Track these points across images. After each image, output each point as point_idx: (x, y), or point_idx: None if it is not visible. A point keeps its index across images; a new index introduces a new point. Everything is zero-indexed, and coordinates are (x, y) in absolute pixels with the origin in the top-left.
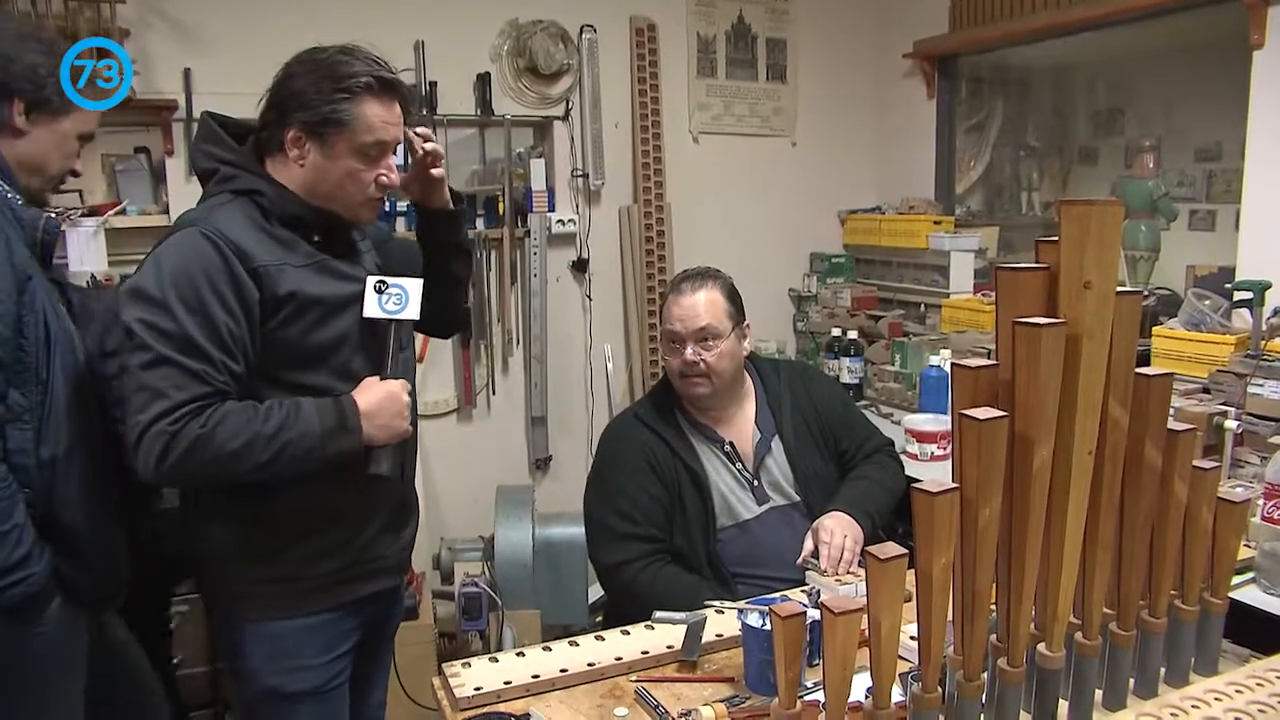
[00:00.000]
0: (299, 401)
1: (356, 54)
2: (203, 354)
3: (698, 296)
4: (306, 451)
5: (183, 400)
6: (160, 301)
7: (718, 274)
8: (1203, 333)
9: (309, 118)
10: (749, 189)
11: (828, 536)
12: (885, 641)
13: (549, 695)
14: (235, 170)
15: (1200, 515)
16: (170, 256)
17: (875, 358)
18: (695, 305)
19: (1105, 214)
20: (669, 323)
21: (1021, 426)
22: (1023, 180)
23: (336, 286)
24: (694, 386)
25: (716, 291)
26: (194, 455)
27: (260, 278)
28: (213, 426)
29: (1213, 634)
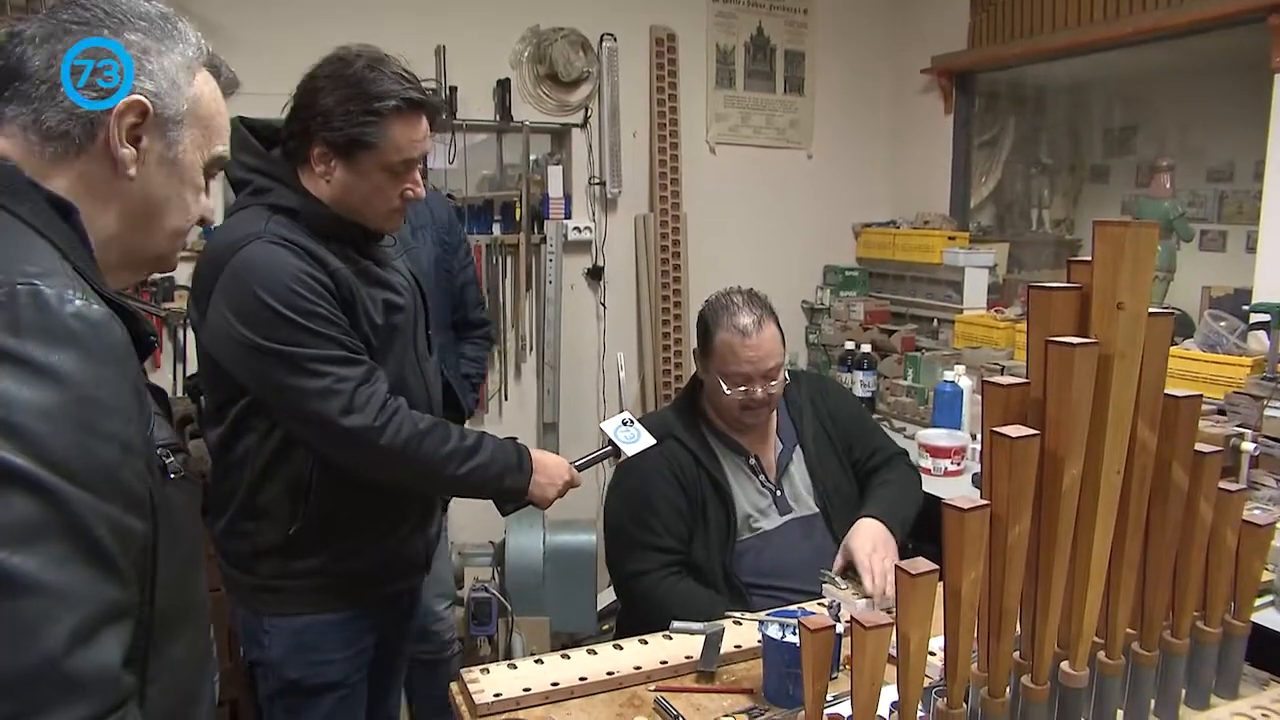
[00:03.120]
0: (482, 434)
1: (385, 68)
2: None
3: (764, 336)
4: (486, 481)
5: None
6: (280, 315)
7: (763, 298)
8: (1219, 354)
9: (336, 138)
10: (764, 200)
11: (865, 559)
12: (914, 657)
13: (568, 703)
14: (270, 183)
15: (1225, 537)
16: (259, 271)
17: (888, 372)
18: (764, 345)
19: (1140, 235)
20: (735, 364)
21: (1052, 445)
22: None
23: (382, 293)
24: (756, 417)
25: (772, 323)
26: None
27: (336, 280)
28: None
29: (1234, 656)
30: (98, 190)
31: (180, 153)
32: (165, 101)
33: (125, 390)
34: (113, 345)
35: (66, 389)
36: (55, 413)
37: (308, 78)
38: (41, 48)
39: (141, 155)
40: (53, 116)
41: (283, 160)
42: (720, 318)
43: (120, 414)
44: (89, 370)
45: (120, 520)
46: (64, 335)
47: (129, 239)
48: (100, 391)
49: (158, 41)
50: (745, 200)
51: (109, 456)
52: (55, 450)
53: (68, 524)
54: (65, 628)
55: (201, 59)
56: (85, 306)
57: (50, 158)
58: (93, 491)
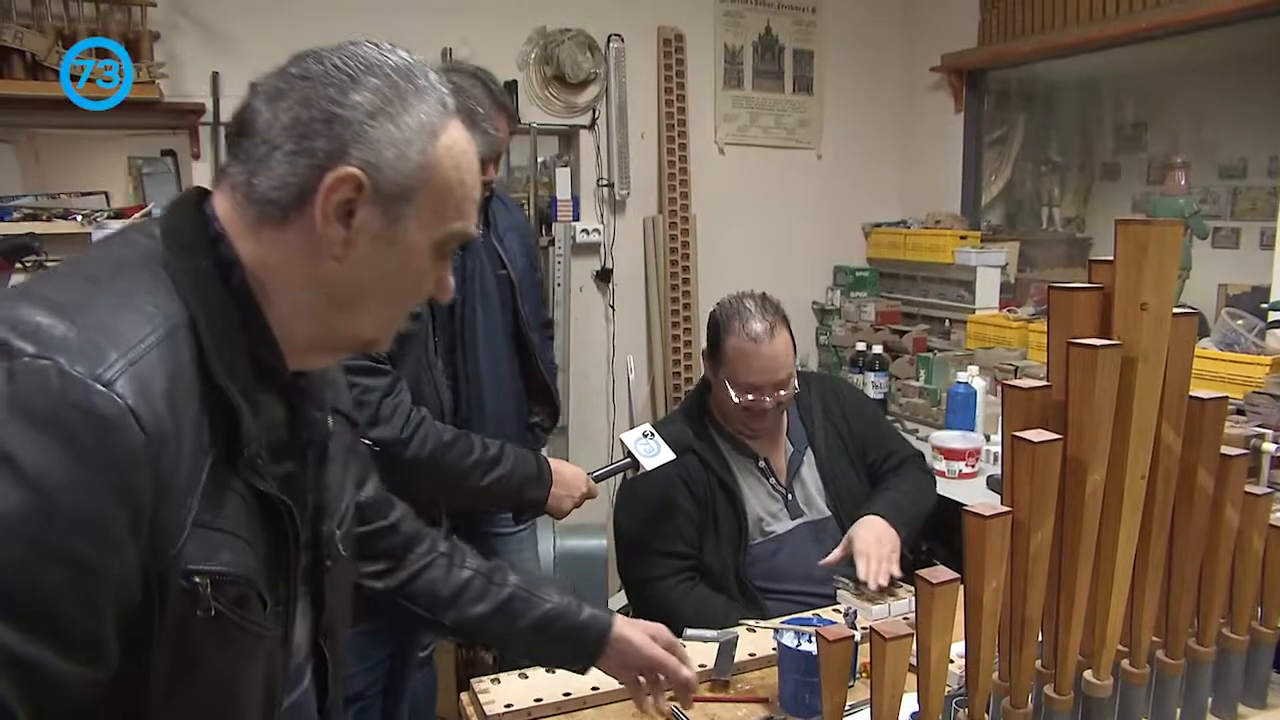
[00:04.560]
0: (504, 443)
1: None
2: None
3: (776, 346)
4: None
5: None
6: None
7: (775, 304)
8: (1237, 353)
9: None
10: (773, 201)
11: (864, 547)
12: (935, 667)
13: (581, 713)
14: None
15: (1251, 542)
16: None
17: (899, 373)
18: (777, 356)
19: (1165, 234)
20: (746, 373)
21: (1074, 450)
22: (1044, 195)
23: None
24: (760, 423)
25: (785, 331)
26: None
27: None
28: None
29: (1262, 664)
30: (297, 264)
31: (403, 231)
32: (387, 174)
33: (112, 504)
34: (115, 449)
35: (29, 490)
36: (6, 517)
37: None
38: (266, 106)
39: (353, 234)
40: (264, 181)
41: None
42: (732, 323)
43: (94, 533)
44: (67, 473)
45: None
46: (54, 425)
47: (328, 319)
48: (71, 501)
49: (389, 103)
50: (754, 201)
51: (56, 583)
52: None
53: None
54: None
55: (446, 117)
56: (102, 395)
57: (252, 221)
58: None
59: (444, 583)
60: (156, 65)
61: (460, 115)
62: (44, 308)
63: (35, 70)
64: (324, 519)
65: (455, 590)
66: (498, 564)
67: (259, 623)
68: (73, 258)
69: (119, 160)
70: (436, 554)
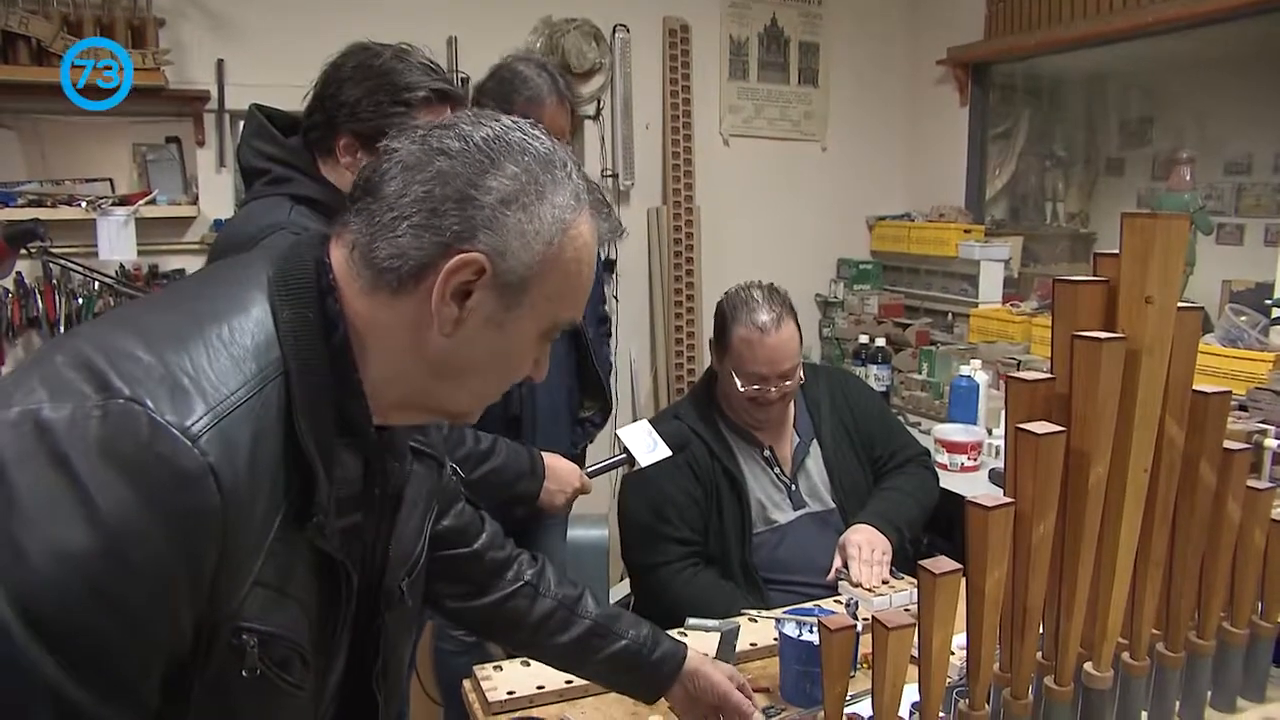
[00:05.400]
0: (497, 437)
1: (410, 59)
2: None
3: (782, 336)
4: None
5: None
6: None
7: (783, 295)
8: (1240, 349)
9: (363, 129)
10: (778, 193)
11: (855, 551)
12: (936, 657)
13: (582, 701)
14: (289, 172)
15: (1253, 536)
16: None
17: (902, 366)
18: (781, 348)
19: (1171, 228)
20: (752, 364)
21: (1078, 442)
22: (1048, 190)
23: None
24: (768, 413)
25: (791, 321)
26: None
27: None
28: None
29: (1261, 658)
30: (402, 334)
31: (515, 318)
32: (510, 263)
33: (177, 559)
34: (190, 505)
35: (100, 534)
36: (73, 556)
37: (332, 67)
38: (402, 174)
39: (465, 314)
40: (384, 249)
41: (302, 149)
42: (739, 314)
43: (149, 584)
44: (140, 522)
45: (82, 708)
46: (136, 474)
47: (424, 386)
48: (138, 552)
49: (525, 191)
50: (759, 193)
51: (109, 629)
52: (44, 599)
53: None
54: None
55: (579, 210)
56: (187, 452)
57: (367, 284)
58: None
59: (528, 613)
60: (161, 52)
61: (591, 207)
62: (143, 342)
63: (40, 56)
64: (388, 570)
65: (538, 621)
66: (581, 592)
67: (296, 683)
68: (185, 282)
69: (124, 147)
70: (522, 583)
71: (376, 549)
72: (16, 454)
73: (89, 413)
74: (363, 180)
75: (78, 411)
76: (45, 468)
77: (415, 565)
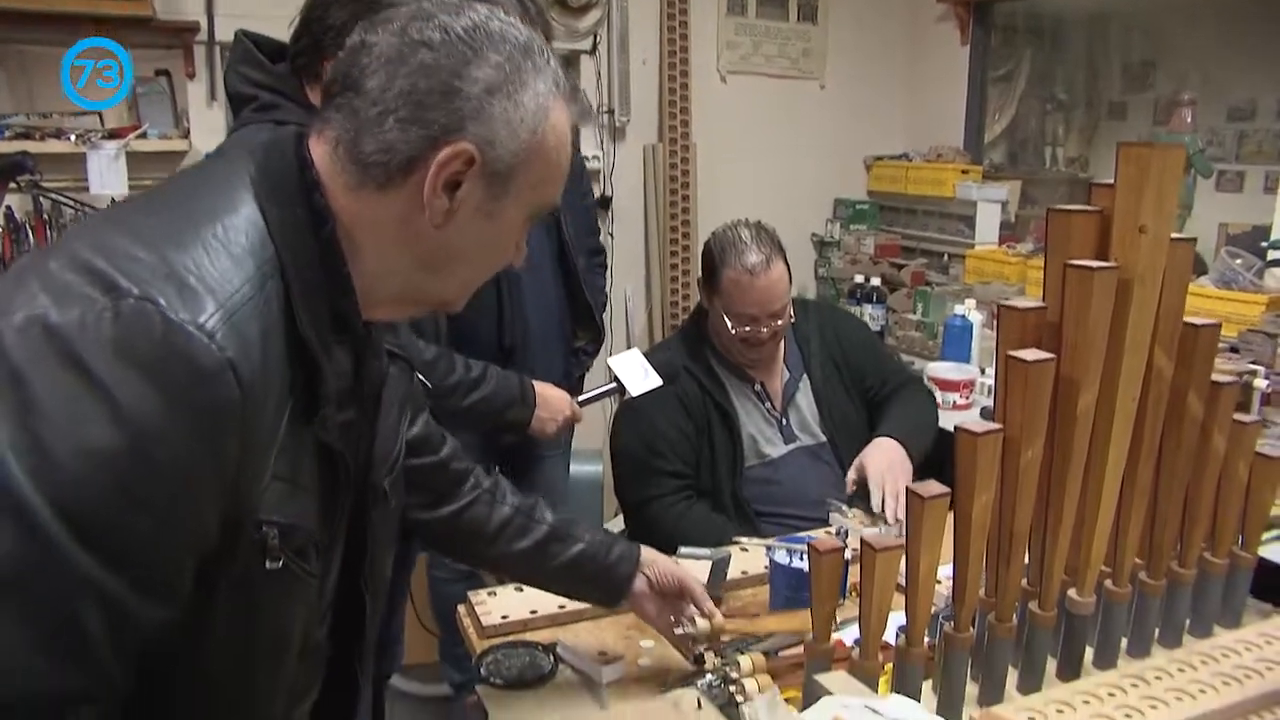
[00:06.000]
0: (488, 365)
1: None
2: None
3: (772, 277)
4: (490, 412)
5: None
6: None
7: (771, 233)
8: (1234, 291)
9: None
10: (775, 131)
11: (878, 477)
12: (923, 580)
13: (575, 625)
14: (276, 99)
15: (1237, 469)
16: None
17: (897, 306)
18: (772, 287)
19: (1167, 157)
20: (742, 305)
21: (1067, 370)
22: (1048, 134)
23: None
24: (760, 352)
25: (780, 261)
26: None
27: None
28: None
29: (1240, 588)
30: (392, 228)
31: (502, 206)
32: (498, 152)
33: (203, 455)
34: (212, 401)
35: (127, 434)
36: (102, 457)
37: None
38: (384, 68)
39: (456, 205)
40: (370, 144)
41: (290, 76)
42: (727, 255)
43: (181, 482)
44: (164, 421)
45: (123, 602)
46: (157, 372)
47: (415, 279)
48: (165, 449)
49: (509, 80)
50: (756, 131)
51: (142, 526)
52: (79, 499)
53: (48, 586)
54: None
55: (557, 96)
56: (204, 347)
57: (353, 180)
58: (101, 561)
59: (487, 520)
60: None
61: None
62: (141, 242)
63: None
64: (373, 467)
65: (498, 527)
66: (535, 501)
67: (313, 570)
68: (169, 184)
69: None
70: (480, 490)
71: (362, 446)
72: (28, 357)
73: (100, 314)
74: (340, 75)
75: (87, 314)
76: (61, 370)
77: (395, 464)
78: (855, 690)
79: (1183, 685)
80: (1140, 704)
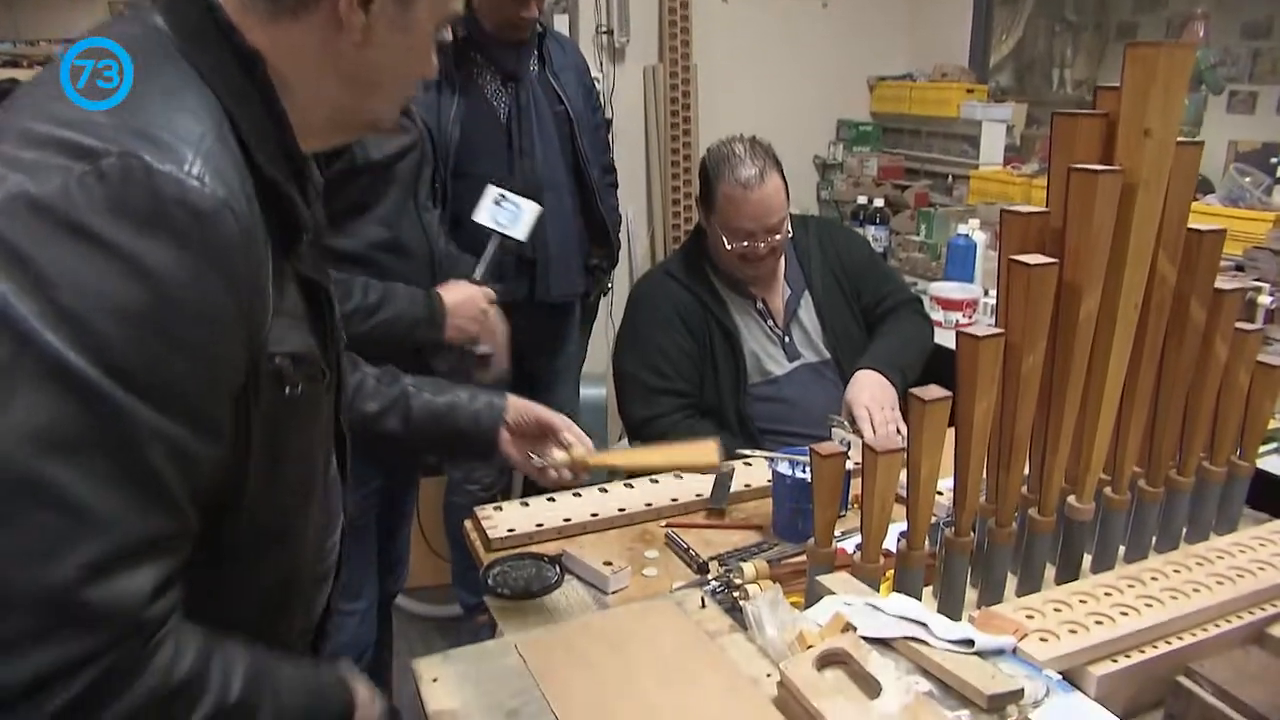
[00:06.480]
0: (393, 286)
1: None
2: None
3: (767, 190)
4: (394, 335)
5: None
6: None
7: (766, 148)
8: (1241, 209)
9: None
10: (777, 52)
11: (864, 413)
12: (924, 485)
13: (580, 539)
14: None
15: (1238, 377)
16: None
17: (900, 228)
18: (765, 202)
19: (1175, 57)
20: (737, 220)
21: (1070, 275)
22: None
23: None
24: (757, 269)
25: (776, 174)
26: None
27: None
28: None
29: (1237, 497)
30: (314, 54)
31: (413, 17)
32: None
33: (222, 294)
34: (219, 241)
35: (149, 287)
36: (131, 312)
37: None
38: None
39: (372, 19)
40: None
41: None
42: (721, 170)
43: (209, 322)
44: (181, 268)
45: (184, 443)
46: (160, 223)
47: (344, 103)
48: (188, 294)
49: None
50: (757, 51)
51: (184, 370)
52: (121, 355)
53: (117, 440)
54: (84, 556)
55: None
56: (196, 191)
57: (264, 14)
58: (156, 408)
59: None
60: None
61: None
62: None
63: None
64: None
65: (357, 391)
66: (389, 369)
67: (324, 391)
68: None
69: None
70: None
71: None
72: (24, 235)
73: (82, 179)
74: None
75: (69, 181)
76: (62, 240)
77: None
78: (857, 590)
79: (1177, 585)
80: (1135, 603)
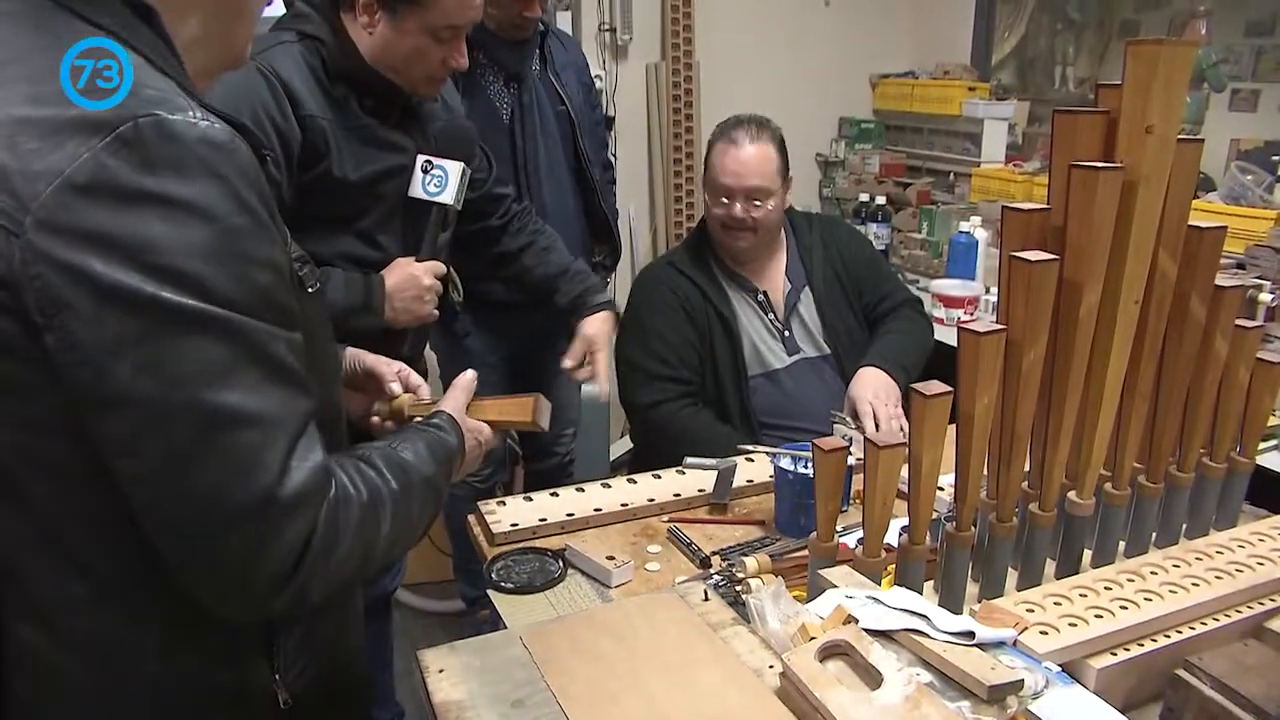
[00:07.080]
0: (330, 271)
1: None
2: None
3: (752, 151)
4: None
5: None
6: None
7: (769, 123)
8: (1242, 207)
9: None
10: (779, 49)
11: (867, 409)
12: (925, 479)
13: (583, 533)
14: (309, 9)
15: (1238, 373)
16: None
17: (902, 225)
18: (749, 163)
19: (1176, 54)
20: (720, 175)
21: (1071, 272)
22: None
23: (375, 155)
24: (737, 239)
25: (770, 146)
26: None
27: (305, 126)
28: None
29: (1236, 493)
30: None
31: None
32: None
33: (259, 208)
34: (242, 165)
35: (213, 222)
36: (209, 249)
37: None
38: None
39: None
40: None
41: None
42: (720, 131)
43: (264, 236)
44: (228, 198)
45: (290, 337)
46: (197, 165)
47: (214, 40)
48: (242, 218)
49: None
50: (760, 49)
51: (265, 281)
52: (220, 286)
53: (252, 353)
54: (281, 450)
55: None
56: (210, 129)
57: None
58: (262, 318)
59: None
60: None
61: None
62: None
63: None
64: None
65: None
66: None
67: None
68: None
69: None
70: None
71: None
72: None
73: (110, 150)
74: None
75: (100, 156)
76: (124, 208)
77: None
78: (858, 584)
79: (1177, 580)
80: (1135, 597)
